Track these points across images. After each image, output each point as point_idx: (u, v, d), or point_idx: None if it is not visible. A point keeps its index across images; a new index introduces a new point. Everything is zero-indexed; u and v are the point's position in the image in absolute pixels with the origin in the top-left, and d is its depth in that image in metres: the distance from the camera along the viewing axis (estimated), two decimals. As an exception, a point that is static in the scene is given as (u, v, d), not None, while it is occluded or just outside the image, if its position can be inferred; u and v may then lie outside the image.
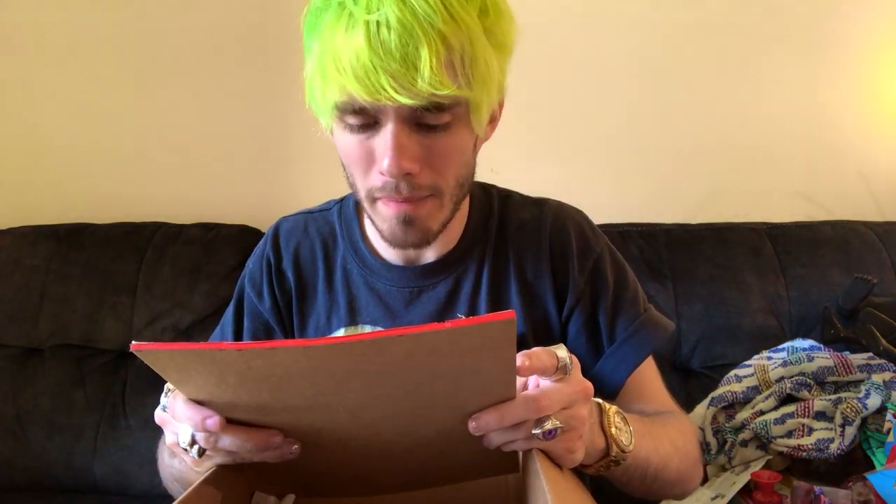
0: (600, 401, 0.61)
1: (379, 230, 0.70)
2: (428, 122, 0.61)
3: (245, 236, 1.47)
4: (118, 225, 1.50)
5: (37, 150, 1.65)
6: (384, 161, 0.61)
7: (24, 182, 1.65)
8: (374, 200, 0.67)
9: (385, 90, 0.56)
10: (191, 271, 1.42)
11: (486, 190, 0.82)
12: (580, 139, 1.63)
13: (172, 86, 1.63)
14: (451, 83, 0.58)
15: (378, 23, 0.55)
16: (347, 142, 0.64)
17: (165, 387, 0.55)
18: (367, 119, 0.62)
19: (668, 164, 1.62)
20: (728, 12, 1.58)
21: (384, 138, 0.61)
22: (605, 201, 1.58)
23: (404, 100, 0.57)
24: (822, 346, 1.19)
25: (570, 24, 1.59)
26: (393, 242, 0.70)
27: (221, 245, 1.45)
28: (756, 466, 1.06)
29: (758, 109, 1.61)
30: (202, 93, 1.63)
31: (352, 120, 0.62)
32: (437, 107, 0.60)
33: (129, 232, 1.48)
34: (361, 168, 0.65)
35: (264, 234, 1.47)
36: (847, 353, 1.16)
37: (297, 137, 1.62)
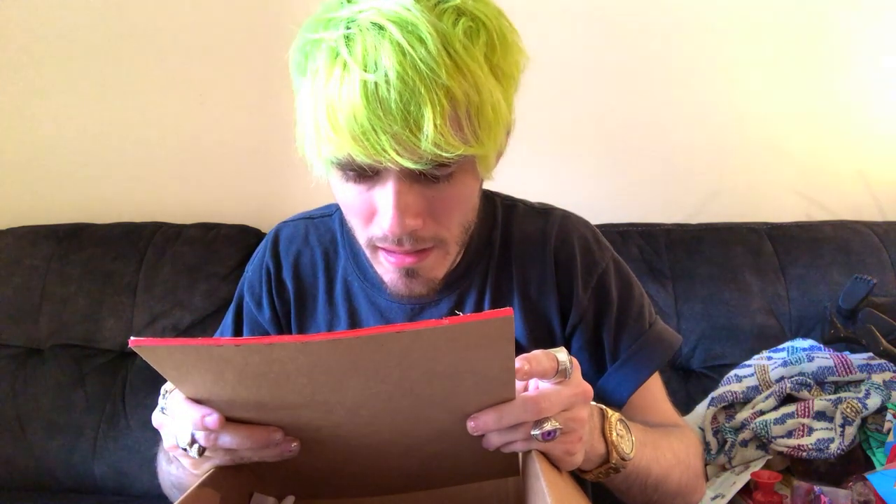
0: (603, 406, 0.61)
1: (380, 278, 0.68)
2: (432, 173, 0.57)
3: (245, 236, 1.47)
4: (118, 225, 1.50)
5: (37, 150, 1.65)
6: (386, 221, 0.58)
7: (24, 182, 1.65)
8: (375, 249, 0.64)
9: (386, 153, 0.53)
10: (191, 271, 1.42)
11: (490, 199, 0.79)
12: (580, 139, 1.63)
13: (172, 86, 1.63)
14: (457, 141, 0.54)
15: (376, 79, 0.51)
16: (346, 192, 0.61)
17: (163, 389, 0.55)
18: (366, 171, 0.58)
19: (668, 164, 1.62)
20: (728, 13, 1.58)
21: (386, 196, 0.58)
22: (605, 201, 1.58)
23: (407, 163, 0.53)
24: (822, 346, 1.19)
25: (570, 23, 1.59)
26: (395, 294, 0.67)
27: (221, 245, 1.45)
28: (756, 466, 1.06)
29: (758, 109, 1.61)
30: (202, 93, 1.63)
31: (350, 172, 0.59)
32: (441, 165, 0.56)
33: (129, 232, 1.48)
34: (362, 218, 0.62)
35: (264, 234, 1.49)
36: (847, 353, 1.16)
37: (297, 137, 1.62)
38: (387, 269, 0.65)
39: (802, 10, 1.58)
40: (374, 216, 0.61)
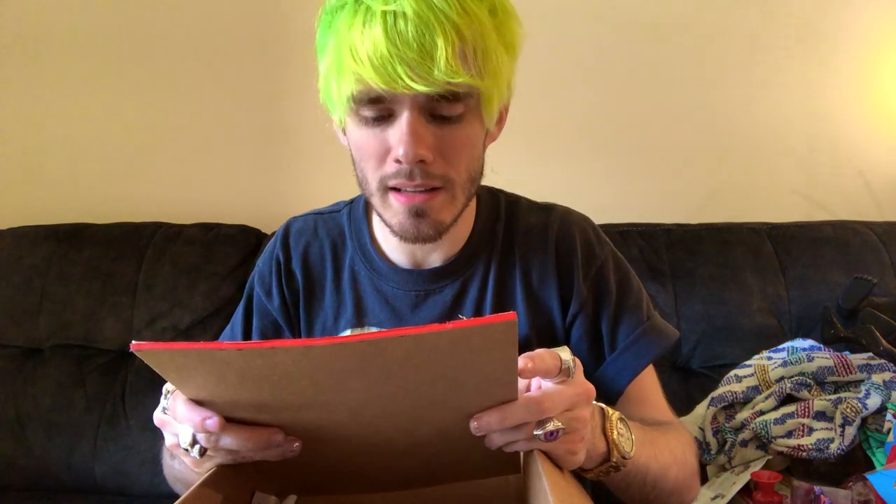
0: (603, 405, 0.61)
1: (389, 225, 0.70)
2: (442, 112, 0.63)
3: (245, 236, 1.47)
4: (118, 225, 1.50)
5: (37, 150, 1.65)
6: (400, 148, 0.63)
7: (24, 182, 1.65)
8: (385, 191, 0.68)
9: (401, 78, 0.58)
10: (191, 271, 1.42)
11: (494, 194, 0.82)
12: (580, 139, 1.63)
13: (172, 86, 1.63)
14: (465, 72, 0.60)
15: (395, 14, 0.58)
16: (361, 135, 0.66)
17: (164, 388, 0.55)
18: (382, 111, 0.63)
19: (668, 164, 1.62)
20: (728, 12, 1.58)
21: (399, 127, 0.63)
22: (605, 201, 1.58)
23: (420, 87, 0.59)
24: (822, 346, 1.19)
25: (570, 23, 1.59)
26: (404, 236, 0.70)
27: (221, 245, 1.45)
28: (756, 466, 1.06)
29: (758, 109, 1.61)
30: (202, 93, 1.63)
31: (367, 112, 0.64)
32: (451, 95, 0.61)
33: (129, 232, 1.48)
34: (375, 160, 0.66)
35: (264, 233, 1.50)
36: (847, 353, 1.16)
37: (298, 137, 1.62)
38: (396, 210, 0.68)
39: (802, 10, 1.58)
40: (386, 156, 0.65)
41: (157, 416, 0.56)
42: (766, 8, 1.58)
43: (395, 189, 0.67)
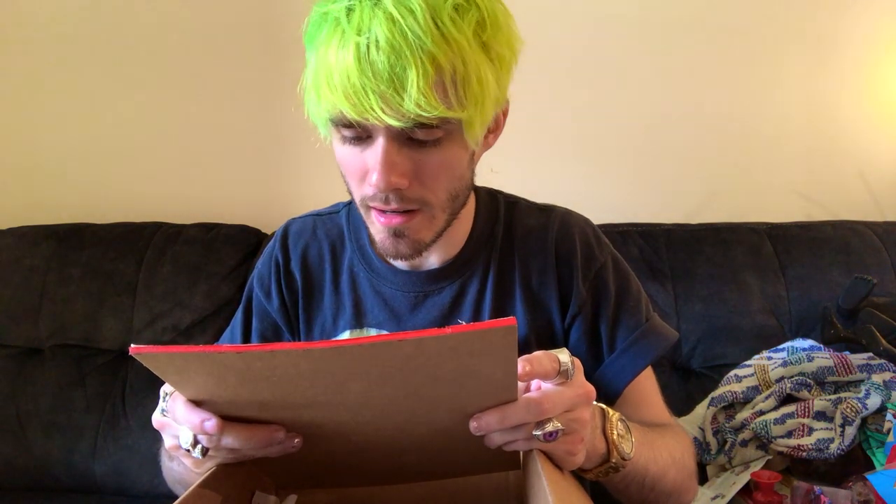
0: (604, 406, 0.62)
1: (373, 239, 0.72)
2: (418, 137, 0.61)
3: (245, 236, 1.48)
4: (118, 225, 1.50)
5: (37, 150, 1.65)
6: (373, 176, 0.62)
7: (24, 182, 1.65)
8: (368, 209, 0.68)
9: (373, 110, 0.57)
10: (191, 271, 1.42)
11: (493, 196, 0.82)
12: (579, 140, 1.63)
13: (173, 86, 1.63)
14: (440, 104, 0.58)
15: (368, 43, 0.56)
16: (343, 153, 0.66)
17: (162, 390, 0.55)
18: (360, 132, 0.63)
19: (668, 164, 1.62)
20: (728, 12, 1.58)
21: (375, 153, 0.62)
22: (606, 201, 1.58)
23: (391, 121, 0.58)
24: (822, 346, 1.19)
25: (569, 24, 1.59)
26: (385, 253, 0.71)
27: (221, 245, 1.45)
28: (756, 466, 1.06)
29: (758, 109, 1.61)
30: (202, 93, 1.63)
31: (346, 132, 0.63)
32: (424, 126, 0.60)
33: (129, 232, 1.48)
34: (356, 178, 0.66)
35: (264, 233, 1.50)
36: (847, 353, 1.16)
37: (297, 137, 1.62)
38: (378, 229, 0.68)
39: (803, 10, 1.58)
40: (366, 176, 0.65)
41: (157, 419, 0.56)
42: (766, 8, 1.58)
43: (376, 208, 0.67)
